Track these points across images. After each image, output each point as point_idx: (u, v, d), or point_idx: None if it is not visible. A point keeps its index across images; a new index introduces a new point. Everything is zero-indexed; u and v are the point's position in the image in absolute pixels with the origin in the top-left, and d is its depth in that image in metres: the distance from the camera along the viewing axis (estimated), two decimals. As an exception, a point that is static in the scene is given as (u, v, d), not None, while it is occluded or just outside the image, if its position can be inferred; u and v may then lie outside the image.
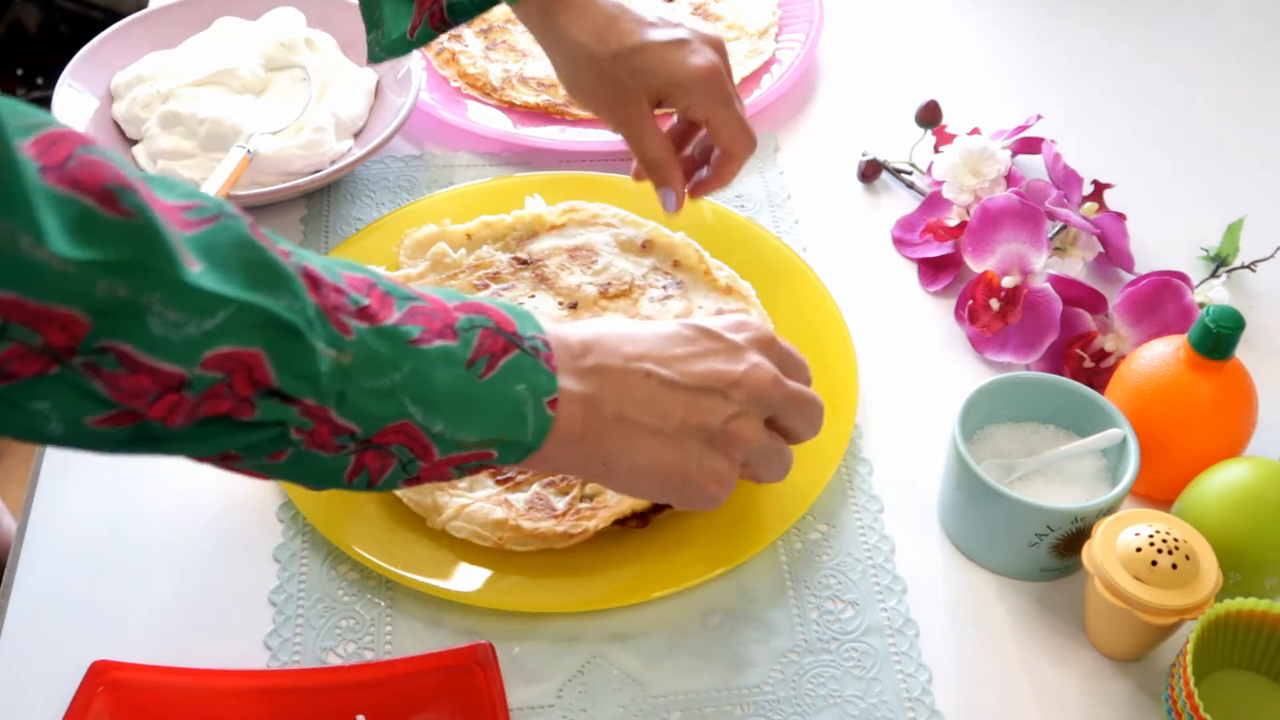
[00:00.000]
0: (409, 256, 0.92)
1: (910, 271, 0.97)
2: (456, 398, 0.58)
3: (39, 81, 2.42)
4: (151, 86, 1.01)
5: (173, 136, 0.98)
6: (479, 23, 1.15)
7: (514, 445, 0.60)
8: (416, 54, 1.06)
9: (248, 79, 1.02)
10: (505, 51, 1.12)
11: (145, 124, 0.99)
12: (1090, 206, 0.95)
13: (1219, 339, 0.76)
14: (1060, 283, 0.88)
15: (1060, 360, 0.87)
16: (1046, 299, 0.87)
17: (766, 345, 0.68)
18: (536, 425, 0.61)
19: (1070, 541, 0.74)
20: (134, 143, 1.01)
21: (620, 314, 0.89)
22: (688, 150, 0.92)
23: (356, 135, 1.02)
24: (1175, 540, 0.69)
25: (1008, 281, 0.89)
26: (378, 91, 1.05)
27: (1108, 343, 0.87)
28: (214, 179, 0.92)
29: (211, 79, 1.01)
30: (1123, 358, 0.83)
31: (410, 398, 0.56)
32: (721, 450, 0.66)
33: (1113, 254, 0.94)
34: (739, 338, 0.68)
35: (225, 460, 0.56)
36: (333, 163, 0.98)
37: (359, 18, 1.02)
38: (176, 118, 0.98)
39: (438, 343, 0.58)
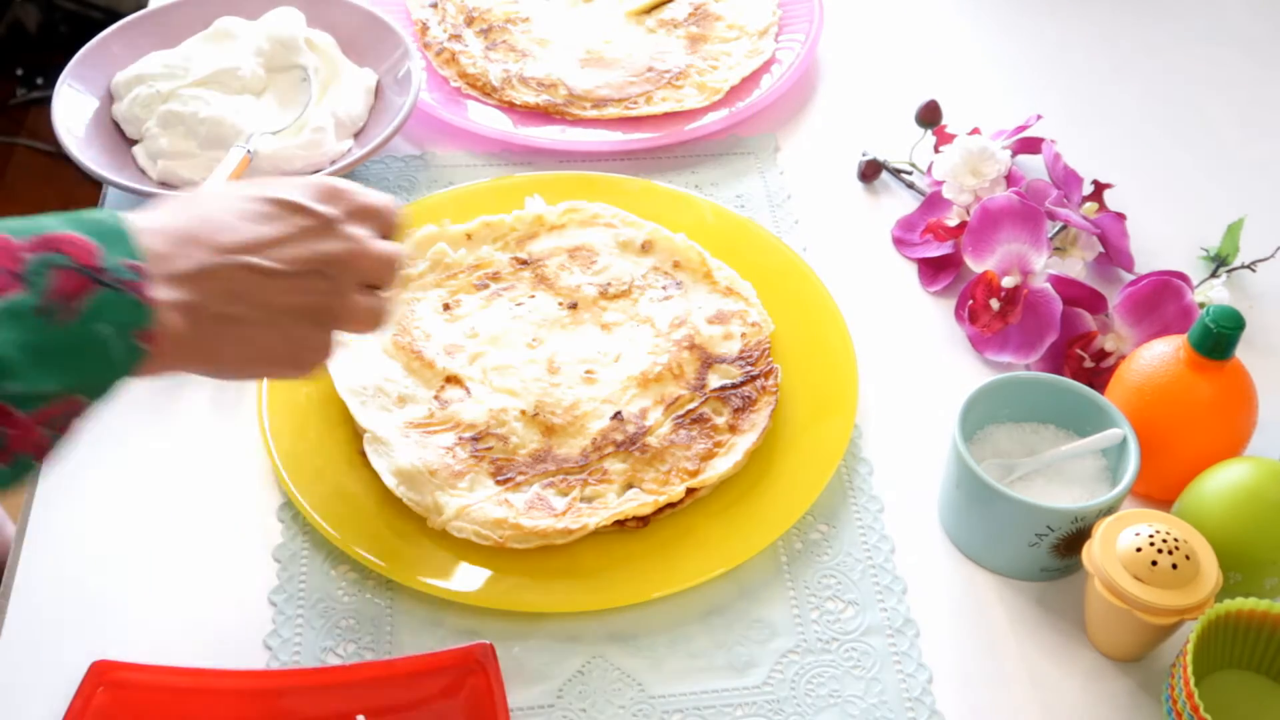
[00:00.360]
0: (409, 256, 0.92)
1: (910, 271, 0.97)
2: (29, 354, 0.54)
3: (39, 81, 2.42)
4: (151, 86, 1.00)
5: (173, 136, 0.98)
6: (479, 23, 1.15)
7: (102, 386, 0.58)
8: (417, 54, 1.06)
9: (248, 79, 1.02)
10: (505, 51, 1.12)
11: (145, 124, 0.99)
12: (1090, 206, 0.95)
13: (1219, 339, 0.76)
14: (1060, 283, 0.88)
15: (1060, 360, 0.87)
16: (1046, 299, 0.87)
17: (359, 212, 0.67)
18: (125, 361, 0.58)
19: (1070, 541, 0.74)
20: (134, 143, 1.00)
21: (619, 312, 0.89)
22: None
23: (357, 135, 1.02)
24: (1175, 540, 0.69)
25: (1008, 281, 0.89)
26: (378, 91, 1.05)
27: (1108, 343, 0.87)
28: (214, 179, 0.92)
29: (211, 79, 1.01)
30: (1123, 358, 0.83)
31: None
32: (323, 326, 0.66)
33: (1113, 254, 0.94)
34: (331, 210, 0.66)
35: None
36: (333, 163, 0.98)
37: (359, 18, 1.02)
38: (177, 117, 0.98)
39: None
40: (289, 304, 0.64)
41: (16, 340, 0.54)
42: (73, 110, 1.00)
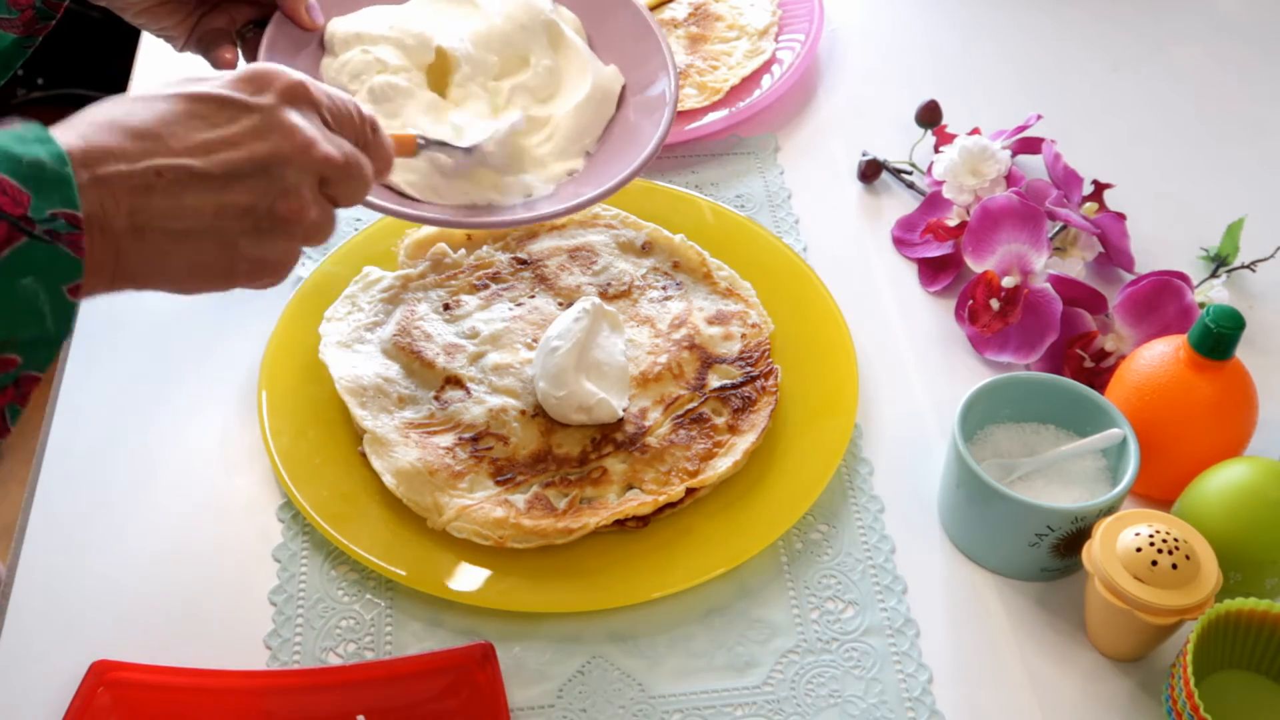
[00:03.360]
0: (409, 256, 0.92)
1: (910, 271, 0.97)
2: None
3: (40, 81, 2.42)
4: (370, 53, 0.79)
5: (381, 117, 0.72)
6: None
7: (35, 343, 0.54)
8: (673, 67, 0.84)
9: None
10: (505, 51, 1.12)
11: (354, 96, 0.76)
12: (1090, 206, 0.95)
13: (1219, 339, 0.76)
14: (1060, 283, 0.88)
15: (1060, 360, 0.87)
16: (1046, 299, 0.87)
17: (302, 97, 0.60)
18: (57, 316, 0.54)
19: (1070, 541, 0.74)
20: None
21: (619, 313, 0.89)
22: None
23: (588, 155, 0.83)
24: (1175, 540, 0.69)
25: (1008, 281, 0.89)
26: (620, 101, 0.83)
27: (1108, 343, 0.87)
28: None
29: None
30: (1123, 358, 0.83)
31: None
32: (271, 233, 0.59)
33: (1113, 254, 0.94)
34: (267, 99, 0.59)
35: None
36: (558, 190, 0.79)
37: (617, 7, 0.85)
38: (394, 90, 0.78)
39: None
40: (216, 212, 0.57)
41: None
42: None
